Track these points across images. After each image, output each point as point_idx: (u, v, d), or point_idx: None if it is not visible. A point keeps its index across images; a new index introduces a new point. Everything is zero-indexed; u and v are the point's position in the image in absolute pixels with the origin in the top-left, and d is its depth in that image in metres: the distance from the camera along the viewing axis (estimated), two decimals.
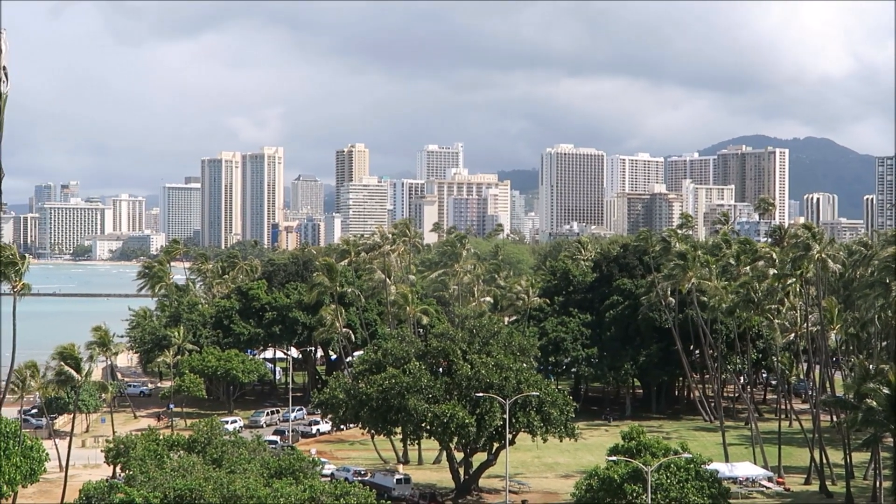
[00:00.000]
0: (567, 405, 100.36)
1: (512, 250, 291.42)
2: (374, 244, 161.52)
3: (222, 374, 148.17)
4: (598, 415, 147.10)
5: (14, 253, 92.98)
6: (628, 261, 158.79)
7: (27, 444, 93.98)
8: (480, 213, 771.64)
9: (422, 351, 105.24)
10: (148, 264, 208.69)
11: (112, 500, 69.64)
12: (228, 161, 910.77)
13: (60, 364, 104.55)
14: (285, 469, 78.94)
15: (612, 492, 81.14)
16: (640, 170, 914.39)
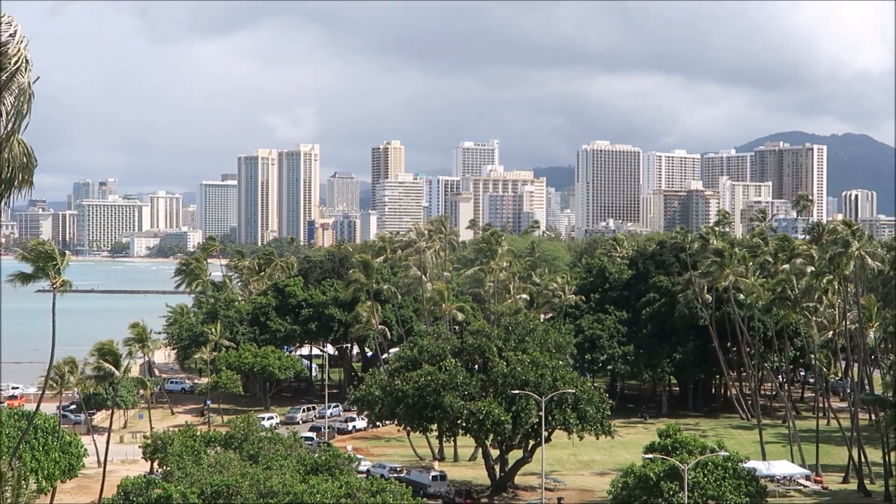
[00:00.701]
0: (603, 402, 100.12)
1: (548, 247, 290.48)
2: (410, 241, 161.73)
3: (259, 370, 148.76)
4: (634, 412, 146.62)
5: (53, 249, 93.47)
6: (665, 258, 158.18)
7: (66, 439, 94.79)
8: (516, 211, 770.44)
9: (458, 348, 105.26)
10: (185, 261, 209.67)
11: (150, 495, 69.99)
12: (265, 158, 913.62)
13: (99, 360, 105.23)
14: (321, 465, 79.11)
15: (648, 490, 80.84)
16: (676, 166, 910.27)
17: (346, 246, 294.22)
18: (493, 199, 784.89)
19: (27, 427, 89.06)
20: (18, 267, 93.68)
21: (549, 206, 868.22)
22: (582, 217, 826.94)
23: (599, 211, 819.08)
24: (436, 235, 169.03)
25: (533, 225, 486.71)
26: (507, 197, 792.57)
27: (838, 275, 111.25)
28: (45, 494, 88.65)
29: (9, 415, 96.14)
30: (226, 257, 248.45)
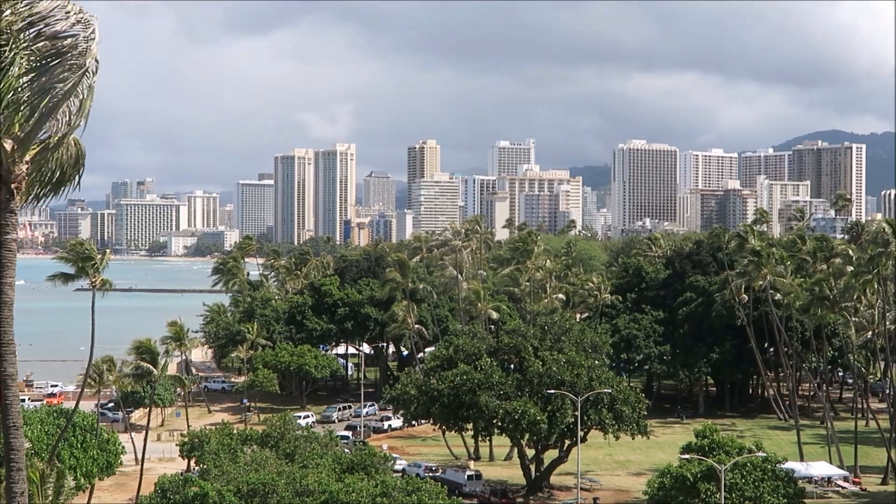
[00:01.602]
0: (639, 402, 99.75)
1: (584, 247, 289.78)
2: (445, 240, 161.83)
3: (295, 369, 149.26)
4: (670, 412, 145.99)
5: (92, 249, 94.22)
6: (701, 257, 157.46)
7: (104, 437, 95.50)
8: (552, 210, 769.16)
9: (493, 347, 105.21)
10: (222, 260, 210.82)
11: (186, 493, 70.34)
12: (301, 158, 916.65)
13: (137, 359, 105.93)
14: (357, 464, 79.27)
15: (685, 490, 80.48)
16: (713, 165, 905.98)
17: (383, 245, 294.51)
18: (529, 199, 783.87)
19: (66, 425, 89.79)
20: (58, 267, 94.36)
21: (585, 205, 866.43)
22: (618, 216, 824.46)
23: (636, 210, 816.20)
24: (472, 235, 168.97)
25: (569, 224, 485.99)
26: (543, 196, 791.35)
27: (878, 275, 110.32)
28: (83, 492, 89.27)
29: (48, 412, 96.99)
30: (262, 256, 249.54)
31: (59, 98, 23.18)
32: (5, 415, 25.90)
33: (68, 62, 22.77)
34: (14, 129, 23.76)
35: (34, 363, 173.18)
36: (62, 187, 26.04)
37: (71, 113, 23.99)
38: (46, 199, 26.27)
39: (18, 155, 24.03)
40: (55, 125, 24.05)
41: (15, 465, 26.05)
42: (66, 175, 25.73)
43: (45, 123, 23.81)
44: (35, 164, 24.68)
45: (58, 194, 26.24)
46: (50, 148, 24.45)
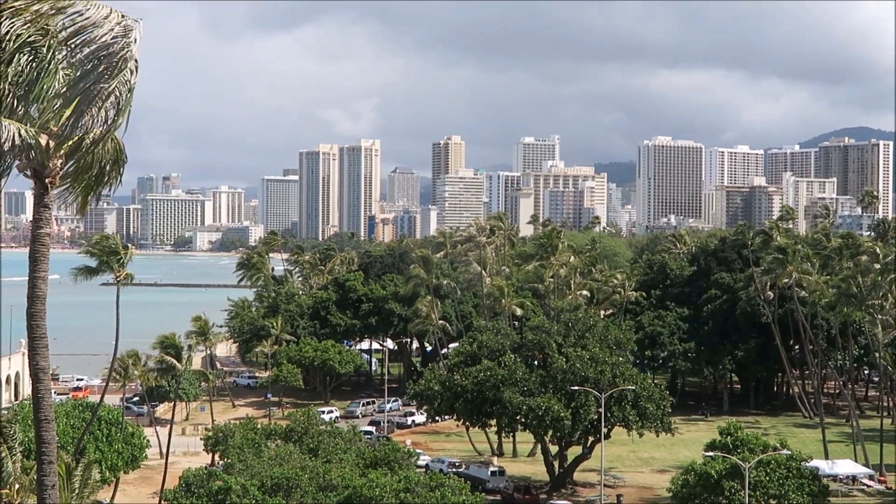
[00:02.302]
0: (663, 400, 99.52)
1: (608, 243, 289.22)
2: (470, 236, 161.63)
3: (319, 364, 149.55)
4: (694, 410, 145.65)
5: (117, 243, 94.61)
6: (727, 254, 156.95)
7: (129, 431, 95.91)
8: (577, 206, 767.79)
9: (517, 343, 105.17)
10: (247, 255, 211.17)
11: (211, 487, 70.66)
12: (326, 153, 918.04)
13: (161, 353, 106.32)
14: (380, 459, 79.41)
15: (709, 488, 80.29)
16: (738, 162, 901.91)
17: (407, 241, 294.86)
18: (554, 195, 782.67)
19: (91, 418, 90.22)
20: (83, 261, 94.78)
21: (609, 201, 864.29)
22: (643, 213, 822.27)
23: (661, 207, 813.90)
24: (496, 231, 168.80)
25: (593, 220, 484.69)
26: (567, 192, 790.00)
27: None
28: (108, 485, 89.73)
29: (74, 406, 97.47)
30: (287, 252, 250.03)
31: (95, 96, 23.35)
32: (37, 408, 26.09)
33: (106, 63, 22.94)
34: (50, 126, 23.96)
35: (60, 357, 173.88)
36: (103, 184, 26.23)
37: (108, 111, 24.15)
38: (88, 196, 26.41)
39: (53, 150, 24.23)
40: (91, 122, 24.21)
41: (46, 458, 26.23)
42: (106, 172, 25.91)
43: (82, 121, 23.99)
44: (74, 160, 24.88)
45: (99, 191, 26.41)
46: (88, 145, 24.63)
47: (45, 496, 26.53)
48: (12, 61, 22.56)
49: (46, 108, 23.65)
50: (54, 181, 24.71)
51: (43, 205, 24.97)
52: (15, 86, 22.90)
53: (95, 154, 25.05)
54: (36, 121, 23.81)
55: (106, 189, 26.51)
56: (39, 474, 26.57)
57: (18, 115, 23.23)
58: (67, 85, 23.41)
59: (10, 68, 22.56)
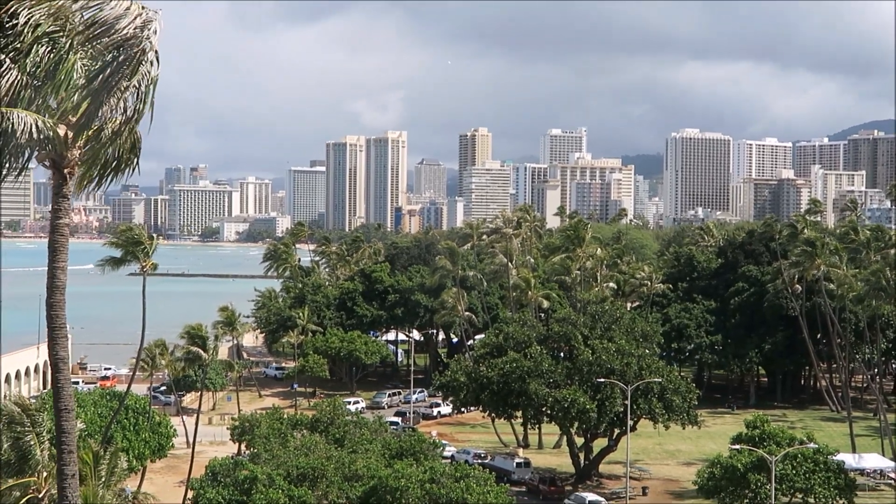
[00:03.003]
0: (690, 392, 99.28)
1: (635, 235, 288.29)
2: (496, 228, 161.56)
3: (345, 355, 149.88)
4: (721, 402, 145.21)
5: (142, 233, 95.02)
6: (754, 247, 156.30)
7: (156, 420, 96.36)
8: (604, 198, 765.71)
9: (543, 335, 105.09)
10: (274, 246, 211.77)
11: (237, 476, 70.94)
12: (353, 145, 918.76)
13: (188, 343, 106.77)
14: (406, 450, 79.49)
15: (734, 481, 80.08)
16: (767, 155, 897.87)
17: (433, 232, 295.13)
18: (581, 187, 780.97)
19: (119, 407, 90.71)
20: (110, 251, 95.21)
21: (636, 193, 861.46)
22: (670, 205, 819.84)
23: (688, 199, 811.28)
24: (522, 223, 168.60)
25: (620, 213, 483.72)
26: (594, 185, 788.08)
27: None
28: (135, 473, 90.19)
29: (101, 395, 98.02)
30: (314, 243, 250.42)
31: (114, 87, 23.41)
32: (57, 397, 26.21)
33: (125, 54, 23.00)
34: (69, 116, 24.04)
35: (88, 346, 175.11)
36: (119, 172, 26.32)
37: (128, 103, 24.23)
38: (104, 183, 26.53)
39: (72, 141, 24.30)
40: (110, 113, 24.28)
41: (66, 448, 26.35)
42: (123, 161, 25.99)
43: (100, 111, 24.05)
44: (91, 150, 24.94)
45: (116, 179, 26.51)
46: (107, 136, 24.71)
47: (65, 485, 26.66)
48: (31, 52, 22.62)
49: (65, 99, 23.70)
50: (73, 171, 24.77)
51: (62, 195, 25.06)
52: (33, 76, 22.96)
53: (114, 144, 25.13)
54: (55, 111, 23.88)
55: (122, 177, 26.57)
56: (59, 463, 26.71)
57: (37, 106, 23.29)
58: (86, 76, 23.45)
59: (28, 59, 22.61)
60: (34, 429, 48.39)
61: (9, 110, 22.20)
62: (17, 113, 22.33)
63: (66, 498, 26.85)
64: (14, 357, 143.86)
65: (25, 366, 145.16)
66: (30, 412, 49.30)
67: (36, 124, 22.71)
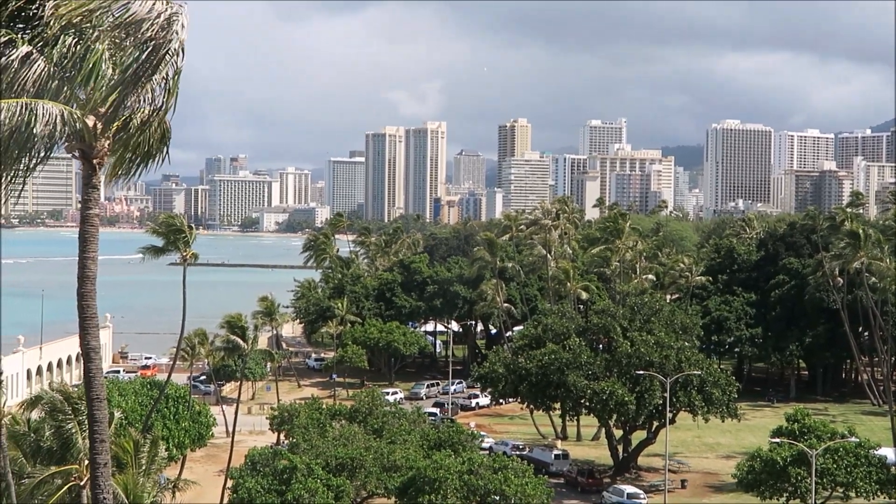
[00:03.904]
0: (729, 385, 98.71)
1: (675, 227, 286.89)
2: (535, 219, 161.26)
3: (384, 345, 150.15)
4: (761, 396, 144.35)
5: (182, 223, 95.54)
6: (795, 239, 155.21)
7: (196, 409, 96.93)
8: (643, 190, 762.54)
9: (582, 327, 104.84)
10: (313, 237, 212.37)
11: (276, 465, 71.26)
12: (392, 135, 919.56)
13: (228, 333, 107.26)
14: (444, 441, 79.58)
15: (774, 474, 79.60)
16: (808, 146, 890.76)
17: (472, 223, 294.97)
18: (620, 178, 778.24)
19: (159, 396, 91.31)
20: (151, 240, 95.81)
21: (676, 185, 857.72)
22: (710, 197, 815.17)
23: (728, 191, 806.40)
24: (561, 214, 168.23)
25: (660, 204, 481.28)
26: (634, 176, 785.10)
27: None
28: (175, 462, 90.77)
29: (142, 384, 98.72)
30: (353, 233, 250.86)
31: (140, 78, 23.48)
32: (89, 387, 26.29)
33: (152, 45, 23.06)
34: (98, 107, 24.12)
35: (129, 335, 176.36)
36: (149, 162, 26.36)
37: (156, 93, 24.29)
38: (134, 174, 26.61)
39: (101, 132, 24.39)
40: (138, 104, 24.37)
41: (98, 437, 26.45)
42: (153, 151, 26.04)
43: (128, 101, 24.13)
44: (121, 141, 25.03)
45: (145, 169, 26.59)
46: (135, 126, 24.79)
47: (98, 473, 26.78)
48: (57, 43, 22.68)
49: (93, 90, 23.77)
50: (102, 162, 24.84)
51: (91, 185, 25.14)
52: (61, 68, 23.04)
53: (143, 135, 25.20)
54: (84, 103, 23.96)
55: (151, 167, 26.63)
56: (92, 452, 26.82)
57: (65, 97, 23.35)
58: (114, 67, 23.52)
59: (54, 50, 22.67)
60: (76, 417, 48.79)
61: (34, 101, 22.25)
62: (42, 104, 22.38)
63: (98, 486, 26.97)
64: (56, 346, 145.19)
65: (67, 354, 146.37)
66: (72, 400, 49.71)
67: (62, 115, 22.77)
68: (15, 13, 22.55)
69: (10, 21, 22.45)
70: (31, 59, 22.20)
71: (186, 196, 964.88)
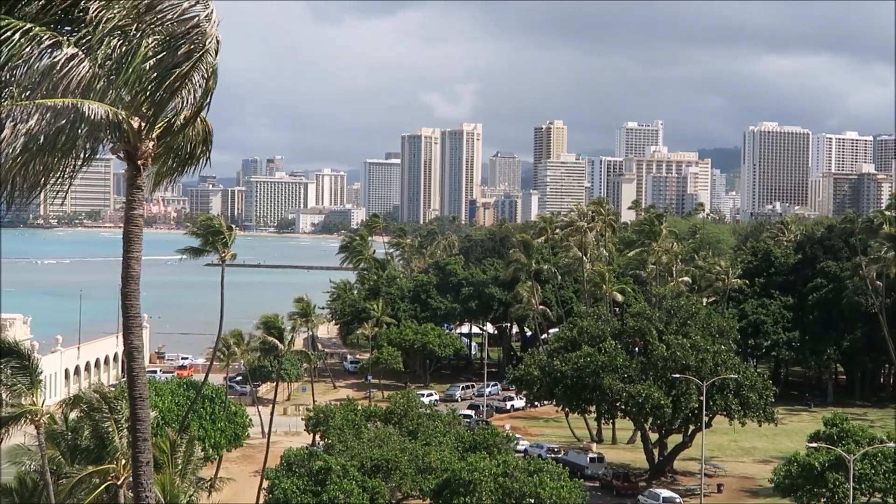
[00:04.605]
0: (766, 389, 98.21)
1: (712, 230, 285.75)
2: (571, 221, 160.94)
3: (419, 347, 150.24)
4: (798, 400, 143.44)
5: (221, 224, 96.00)
6: (833, 242, 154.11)
7: (232, 409, 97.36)
8: (680, 192, 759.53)
9: (618, 330, 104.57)
10: (349, 238, 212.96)
11: (311, 466, 71.44)
12: (428, 137, 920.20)
13: (264, 333, 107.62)
14: (479, 443, 79.57)
15: (811, 479, 79.02)
16: (846, 149, 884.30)
17: (507, 225, 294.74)
18: (657, 181, 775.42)
19: (195, 396, 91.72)
20: (189, 241, 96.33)
21: (713, 187, 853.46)
22: (747, 200, 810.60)
23: (766, 193, 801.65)
24: (597, 216, 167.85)
25: (697, 207, 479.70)
26: (670, 178, 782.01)
27: None
28: (211, 462, 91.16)
29: (179, 384, 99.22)
30: (389, 235, 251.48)
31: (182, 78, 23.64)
32: (132, 386, 26.46)
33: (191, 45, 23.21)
34: (141, 108, 24.33)
35: (166, 335, 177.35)
36: (191, 164, 26.61)
37: (196, 93, 24.46)
38: (177, 175, 26.87)
39: (145, 132, 24.61)
40: (179, 104, 24.55)
41: (141, 436, 26.61)
42: (195, 152, 26.26)
43: (170, 103, 24.33)
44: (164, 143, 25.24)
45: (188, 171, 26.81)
46: (177, 127, 24.98)
47: (140, 472, 26.95)
48: (102, 44, 22.91)
49: (137, 91, 23.97)
50: (146, 163, 25.05)
51: (135, 186, 25.32)
52: (105, 69, 23.26)
53: (186, 135, 25.39)
54: (128, 103, 24.16)
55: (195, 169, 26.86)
56: (134, 451, 26.99)
57: (110, 99, 23.57)
58: (155, 68, 23.72)
59: (99, 51, 22.90)
60: (113, 416, 49.09)
61: (80, 101, 22.48)
62: (88, 104, 22.62)
63: (141, 485, 27.13)
64: (94, 346, 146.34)
65: (105, 354, 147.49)
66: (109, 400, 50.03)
67: (107, 115, 23.00)
68: (61, 16, 22.77)
69: (56, 23, 22.68)
70: (77, 61, 22.43)
71: (223, 197, 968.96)
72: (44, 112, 22.12)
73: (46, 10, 22.58)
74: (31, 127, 22.08)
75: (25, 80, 22.40)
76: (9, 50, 21.52)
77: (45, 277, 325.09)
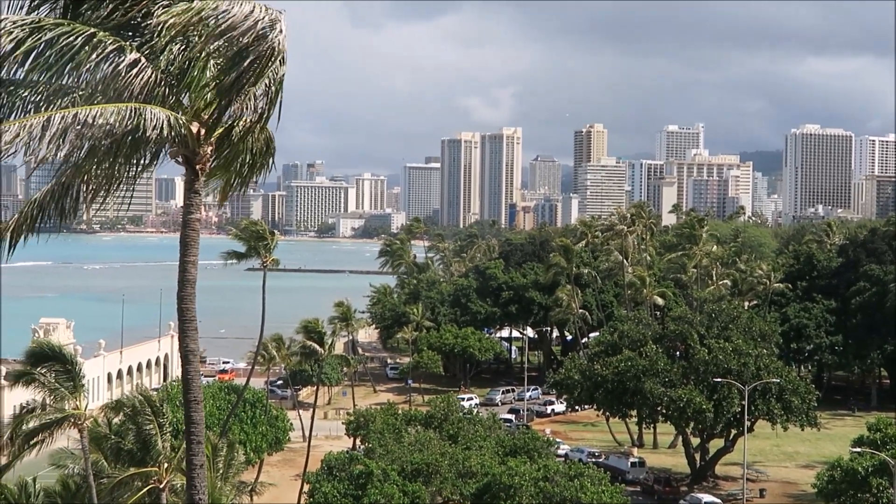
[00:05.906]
0: (809, 393, 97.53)
1: (753, 233, 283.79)
2: (611, 225, 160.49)
3: (459, 351, 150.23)
4: (841, 404, 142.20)
5: (264, 229, 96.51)
6: (877, 246, 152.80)
7: (273, 413, 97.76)
8: (721, 195, 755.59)
9: (658, 334, 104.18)
10: (389, 242, 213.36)
11: (352, 470, 71.61)
12: (468, 141, 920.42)
13: (305, 338, 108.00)
14: (520, 447, 79.46)
15: (855, 485, 78.32)
16: (890, 151, 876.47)
17: (547, 229, 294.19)
18: (698, 184, 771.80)
19: (237, 400, 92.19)
20: (232, 246, 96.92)
21: (754, 191, 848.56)
22: (789, 203, 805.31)
23: (808, 196, 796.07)
24: (637, 220, 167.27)
25: (738, 210, 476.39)
26: (711, 182, 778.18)
27: None
28: (252, 466, 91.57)
29: (220, 388, 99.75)
30: (428, 239, 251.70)
31: (242, 85, 23.81)
32: (186, 389, 26.66)
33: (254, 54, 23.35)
34: (202, 114, 24.56)
35: (207, 339, 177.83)
36: (256, 173, 26.81)
37: (257, 101, 24.62)
38: (243, 186, 27.07)
39: (204, 138, 24.82)
40: (241, 111, 24.72)
41: (195, 438, 26.78)
42: (258, 161, 26.43)
43: (230, 110, 24.52)
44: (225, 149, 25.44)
45: (251, 179, 26.99)
46: (238, 134, 25.17)
47: (193, 475, 27.11)
48: (164, 50, 23.17)
49: (198, 97, 24.22)
50: (204, 168, 25.26)
51: (193, 191, 25.54)
52: (167, 74, 23.53)
53: (246, 143, 25.56)
54: (189, 109, 24.41)
55: (255, 178, 27.05)
56: (188, 454, 27.14)
57: (171, 104, 23.82)
58: (216, 74, 23.92)
59: (161, 57, 23.17)
60: (156, 419, 49.45)
61: (143, 106, 22.74)
62: (149, 108, 22.88)
63: (194, 488, 27.28)
64: (137, 349, 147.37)
65: (147, 358, 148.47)
66: (152, 403, 50.41)
67: (168, 120, 23.24)
68: (124, 22, 23.04)
69: (118, 29, 22.96)
70: (140, 66, 22.70)
71: (264, 202, 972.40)
72: (108, 117, 22.39)
73: (110, 16, 22.87)
74: (94, 132, 22.36)
75: (89, 85, 22.70)
76: (73, 55, 21.81)
77: (89, 282, 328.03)
